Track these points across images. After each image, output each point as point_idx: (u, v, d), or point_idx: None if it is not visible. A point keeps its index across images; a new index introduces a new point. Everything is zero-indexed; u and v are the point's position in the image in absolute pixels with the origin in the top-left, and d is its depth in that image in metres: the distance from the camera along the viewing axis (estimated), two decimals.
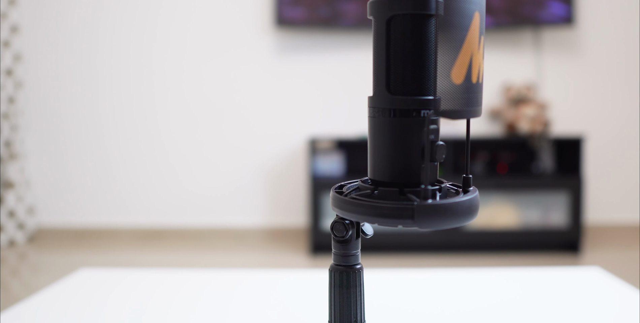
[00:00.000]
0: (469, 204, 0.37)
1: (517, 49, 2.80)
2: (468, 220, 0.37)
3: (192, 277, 0.76)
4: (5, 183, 2.80)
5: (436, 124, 0.37)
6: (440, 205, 0.36)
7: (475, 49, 0.37)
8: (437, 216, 0.36)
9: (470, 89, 0.38)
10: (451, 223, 0.36)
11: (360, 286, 0.42)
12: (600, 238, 2.81)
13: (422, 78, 0.37)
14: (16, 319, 0.60)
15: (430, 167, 0.36)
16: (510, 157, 2.75)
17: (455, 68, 0.37)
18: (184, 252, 2.62)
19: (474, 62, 0.37)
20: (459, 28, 0.36)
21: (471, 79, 0.37)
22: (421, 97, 0.37)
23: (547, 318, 0.59)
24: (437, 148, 0.36)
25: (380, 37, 0.37)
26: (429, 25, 0.36)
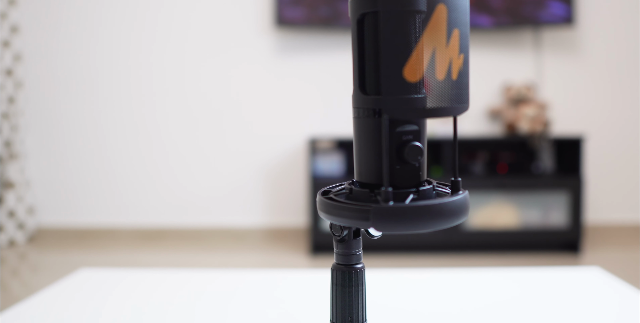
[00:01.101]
0: (437, 209, 0.35)
1: (517, 49, 2.80)
2: (435, 226, 0.35)
3: (192, 277, 0.76)
4: (5, 183, 2.80)
5: (416, 124, 0.36)
6: (398, 208, 0.34)
7: (441, 44, 0.35)
8: (394, 219, 0.34)
9: (436, 87, 0.35)
10: (411, 227, 0.35)
11: (361, 285, 0.42)
12: (600, 238, 2.81)
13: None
14: (16, 319, 0.60)
15: (404, 169, 0.36)
16: (510, 157, 2.74)
17: (411, 62, 0.35)
18: (184, 252, 2.62)
19: (438, 58, 0.35)
20: (411, 19, 0.35)
21: (435, 76, 0.35)
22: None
23: (547, 318, 0.59)
24: (409, 149, 0.36)
25: (354, 37, 0.37)
26: (401, 22, 0.35)
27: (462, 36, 0.36)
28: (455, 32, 0.35)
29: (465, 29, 0.36)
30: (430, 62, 0.35)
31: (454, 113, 0.36)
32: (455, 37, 0.35)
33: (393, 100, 0.35)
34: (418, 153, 0.36)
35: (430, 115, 0.36)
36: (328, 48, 2.81)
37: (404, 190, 0.36)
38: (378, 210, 0.35)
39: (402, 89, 0.35)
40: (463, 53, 0.36)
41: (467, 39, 0.36)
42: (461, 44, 0.36)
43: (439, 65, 0.35)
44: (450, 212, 0.35)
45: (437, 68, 0.35)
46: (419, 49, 0.35)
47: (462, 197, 0.36)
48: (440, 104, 0.35)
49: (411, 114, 0.35)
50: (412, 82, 0.35)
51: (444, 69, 0.35)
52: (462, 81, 0.36)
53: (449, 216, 0.35)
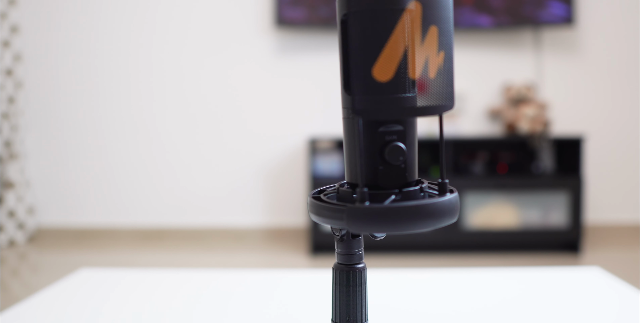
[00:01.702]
0: (415, 210, 0.34)
1: (517, 49, 2.80)
2: (413, 228, 0.34)
3: (192, 277, 0.76)
4: (5, 183, 2.80)
5: (401, 125, 0.36)
6: (373, 208, 0.34)
7: (415, 42, 0.34)
8: (368, 220, 0.34)
9: (408, 86, 0.34)
10: (385, 228, 0.34)
11: (362, 285, 0.42)
12: (600, 238, 2.81)
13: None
14: (16, 319, 0.60)
15: (388, 169, 0.36)
16: (510, 157, 2.74)
17: (380, 61, 0.34)
18: (183, 252, 2.62)
19: (412, 57, 0.34)
20: (381, 17, 0.34)
21: (408, 75, 0.34)
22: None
23: (547, 318, 0.59)
24: (390, 149, 0.35)
25: (339, 37, 0.36)
26: (371, 22, 0.34)
27: (441, 33, 0.35)
28: (432, 29, 0.34)
29: (445, 25, 0.35)
30: (402, 61, 0.34)
31: (432, 112, 0.35)
32: (432, 35, 0.34)
33: (362, 100, 0.35)
34: (399, 154, 0.36)
35: (404, 115, 0.35)
36: (328, 48, 2.81)
37: (387, 190, 0.36)
38: (352, 210, 0.34)
39: (371, 88, 0.34)
40: (443, 50, 0.35)
41: (448, 35, 0.35)
42: (441, 42, 0.35)
43: (413, 63, 0.34)
44: (430, 214, 0.34)
45: (411, 67, 0.34)
46: (388, 48, 0.34)
47: (446, 199, 0.35)
48: (414, 103, 0.35)
49: (382, 114, 0.35)
50: (382, 81, 0.34)
51: (419, 67, 0.34)
52: (442, 79, 0.35)
53: (428, 218, 0.34)
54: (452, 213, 0.36)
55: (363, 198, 0.35)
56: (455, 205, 0.36)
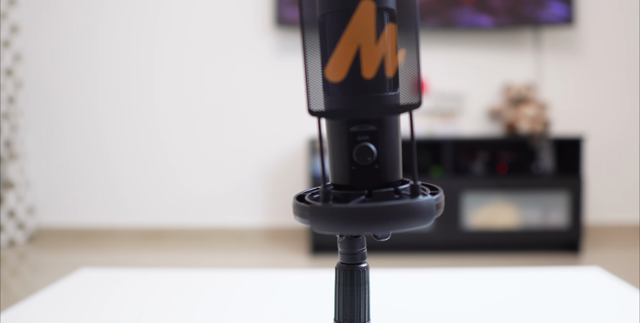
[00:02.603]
0: (373, 212, 0.33)
1: (517, 49, 2.80)
2: (373, 229, 0.34)
3: (192, 277, 0.76)
4: (5, 183, 2.80)
5: (373, 124, 0.35)
6: (331, 208, 0.34)
7: (368, 41, 0.34)
8: (327, 219, 0.34)
9: (361, 85, 0.34)
10: (344, 228, 0.34)
11: (364, 285, 0.42)
12: (600, 238, 2.81)
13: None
14: (16, 319, 0.60)
15: (361, 170, 0.36)
16: (510, 157, 2.74)
17: (333, 61, 0.34)
18: (183, 252, 2.62)
19: (365, 56, 0.34)
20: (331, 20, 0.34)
21: (361, 75, 0.34)
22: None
23: (547, 318, 0.59)
24: (358, 150, 0.35)
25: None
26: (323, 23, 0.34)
27: (402, 30, 0.34)
28: (389, 27, 0.34)
29: (407, 22, 0.34)
30: (354, 60, 0.34)
31: (389, 112, 0.35)
32: (390, 33, 0.34)
33: (316, 101, 0.35)
34: (368, 154, 0.35)
35: (355, 115, 0.35)
36: None
37: (359, 191, 0.36)
38: (314, 210, 0.35)
39: (324, 89, 0.35)
40: (405, 48, 0.34)
41: (411, 32, 0.34)
42: (401, 39, 0.34)
43: (366, 63, 0.34)
44: (393, 216, 0.34)
45: (364, 66, 0.34)
46: (339, 49, 0.34)
47: (414, 202, 0.34)
48: (366, 103, 0.34)
49: (333, 115, 0.35)
50: (335, 82, 0.34)
51: (373, 67, 0.34)
52: (402, 78, 0.35)
53: (390, 220, 0.34)
54: (421, 217, 0.34)
55: (325, 198, 0.35)
56: (427, 208, 0.34)
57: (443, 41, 2.81)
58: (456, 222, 2.48)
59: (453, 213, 2.48)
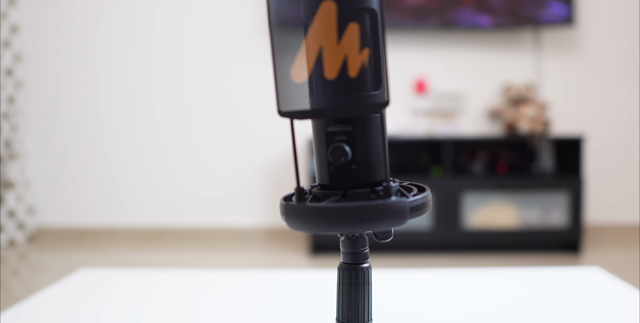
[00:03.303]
0: (339, 211, 0.33)
1: (517, 49, 2.80)
2: (339, 229, 0.34)
3: (192, 277, 0.76)
4: (5, 183, 2.80)
5: (349, 125, 0.35)
6: (298, 207, 0.35)
7: (330, 42, 0.34)
8: (298, 218, 0.35)
9: (322, 87, 0.34)
10: (309, 227, 0.35)
11: (366, 284, 0.42)
12: (600, 238, 2.81)
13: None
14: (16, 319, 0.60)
15: (338, 170, 0.36)
16: (510, 157, 2.74)
17: (297, 63, 0.35)
18: (183, 252, 2.62)
19: (331, 55, 0.34)
20: (296, 19, 0.35)
21: (324, 76, 0.34)
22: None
23: (547, 318, 0.59)
24: (332, 150, 0.35)
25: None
26: (288, 26, 0.35)
27: (366, 29, 0.34)
28: (351, 27, 0.33)
29: (370, 21, 0.34)
30: (317, 61, 0.34)
31: (351, 112, 0.34)
32: (352, 32, 0.34)
33: (284, 102, 0.35)
34: (341, 154, 0.35)
35: (317, 116, 0.35)
36: None
37: (336, 190, 0.36)
38: (287, 208, 0.36)
39: (291, 90, 0.35)
40: (368, 47, 0.34)
41: (375, 31, 0.34)
42: (364, 38, 0.34)
43: (328, 63, 0.34)
44: (358, 217, 0.34)
45: (326, 67, 0.34)
46: (302, 51, 0.34)
47: (381, 203, 0.34)
48: (327, 104, 0.35)
49: (297, 115, 0.35)
50: (299, 83, 0.35)
51: (335, 67, 0.34)
52: (366, 77, 0.34)
53: (355, 220, 0.34)
54: (391, 218, 0.34)
55: (299, 197, 0.36)
56: (398, 209, 0.34)
57: (443, 41, 2.81)
58: (456, 222, 2.48)
59: (453, 213, 2.48)
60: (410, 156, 2.79)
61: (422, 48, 2.81)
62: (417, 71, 2.82)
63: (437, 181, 2.48)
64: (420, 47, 2.81)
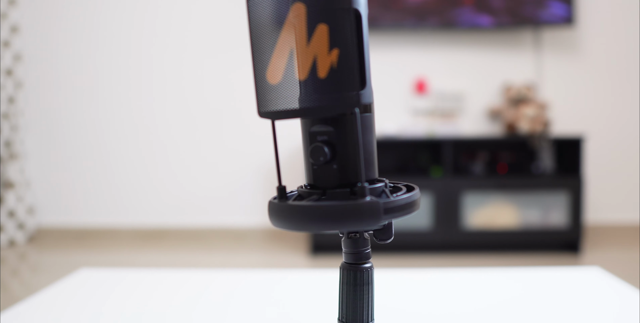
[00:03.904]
0: (310, 210, 0.34)
1: (517, 49, 2.80)
2: (314, 228, 0.34)
3: (192, 277, 0.76)
4: (5, 183, 2.80)
5: (330, 125, 0.36)
6: (280, 205, 0.36)
7: (300, 43, 0.34)
8: (276, 215, 0.36)
9: (295, 87, 0.35)
10: (285, 225, 0.35)
11: (368, 285, 0.42)
12: (600, 238, 2.81)
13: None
14: (16, 319, 0.60)
15: (321, 169, 0.36)
16: (510, 157, 2.74)
17: (271, 66, 0.35)
18: (184, 252, 2.62)
19: (298, 58, 0.34)
20: (269, 23, 0.35)
21: (294, 77, 0.35)
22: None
23: (548, 318, 0.59)
24: (312, 149, 0.36)
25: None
26: (263, 30, 0.35)
27: (334, 30, 0.34)
28: (320, 28, 0.34)
29: (339, 21, 0.33)
30: (288, 63, 0.35)
31: (321, 113, 0.35)
32: (321, 33, 0.34)
33: (262, 103, 0.36)
34: (319, 154, 0.36)
35: (289, 117, 0.36)
36: None
37: (318, 190, 0.37)
38: (270, 206, 0.37)
39: (267, 91, 0.36)
40: (338, 47, 0.34)
41: (344, 31, 0.33)
42: (333, 39, 0.34)
43: (299, 65, 0.34)
44: (328, 216, 0.34)
45: (297, 68, 0.34)
46: (276, 52, 0.35)
47: (350, 203, 0.34)
48: (298, 105, 0.35)
49: (273, 116, 0.36)
50: (274, 84, 0.36)
51: (305, 68, 0.34)
52: (336, 78, 0.34)
53: (326, 220, 0.34)
54: (361, 219, 0.34)
55: (280, 195, 0.37)
56: (370, 210, 0.34)
57: (443, 41, 2.81)
58: (456, 222, 2.48)
59: (453, 213, 2.48)
60: (410, 156, 2.79)
61: (422, 48, 2.81)
62: (417, 71, 2.82)
63: (437, 181, 2.48)
64: (420, 47, 2.81)
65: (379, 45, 2.81)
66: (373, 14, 2.66)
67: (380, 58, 2.82)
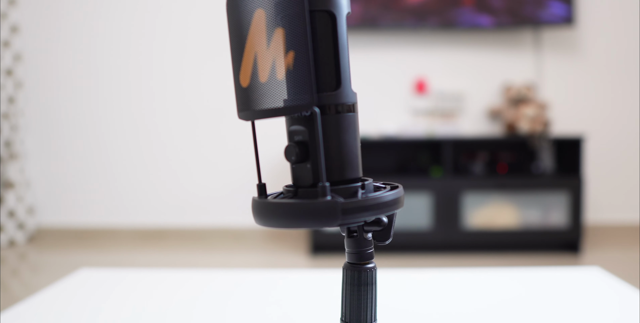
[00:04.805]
0: (269, 207, 0.36)
1: (517, 49, 2.80)
2: (273, 224, 0.36)
3: (192, 277, 0.76)
4: (5, 183, 2.80)
5: (302, 125, 0.36)
6: (254, 202, 0.37)
7: (261, 47, 0.36)
8: (254, 212, 0.37)
9: (259, 89, 0.37)
10: (259, 221, 0.37)
11: (371, 285, 0.42)
12: (600, 238, 2.81)
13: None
14: (16, 319, 0.60)
15: (298, 168, 0.37)
16: (510, 157, 2.74)
17: (242, 69, 0.37)
18: (183, 252, 2.62)
19: (261, 60, 0.36)
20: (240, 28, 0.37)
21: (258, 79, 0.36)
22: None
23: (548, 318, 0.59)
24: (285, 149, 0.37)
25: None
26: (237, 35, 0.37)
27: (290, 33, 0.35)
28: (277, 31, 0.35)
29: (294, 24, 0.34)
30: (254, 66, 0.36)
31: (282, 113, 0.35)
32: (278, 37, 0.35)
33: (240, 105, 0.38)
34: (290, 154, 0.37)
35: (255, 118, 0.37)
36: None
37: (295, 188, 0.38)
38: (254, 203, 0.38)
39: (241, 94, 0.38)
40: (293, 50, 0.35)
41: (299, 34, 0.34)
42: (289, 42, 0.35)
43: (261, 68, 0.36)
44: (282, 214, 0.35)
45: (260, 71, 0.36)
46: (245, 56, 0.37)
47: (308, 202, 0.35)
48: (260, 106, 0.37)
49: (244, 116, 0.38)
50: (245, 87, 0.37)
51: (266, 71, 0.36)
52: (292, 79, 0.35)
53: (280, 218, 0.35)
54: (316, 218, 0.34)
55: (259, 193, 0.39)
56: (325, 210, 0.34)
57: (443, 41, 2.81)
58: (456, 222, 2.48)
59: (453, 213, 2.48)
60: (410, 156, 2.79)
61: (422, 48, 2.81)
62: (417, 71, 2.82)
63: (437, 181, 2.48)
64: (420, 47, 2.81)
65: (379, 45, 2.81)
66: (373, 14, 2.66)
67: (380, 58, 2.82)
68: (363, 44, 2.81)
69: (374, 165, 2.80)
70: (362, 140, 2.56)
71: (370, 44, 2.81)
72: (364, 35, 2.80)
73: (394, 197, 0.37)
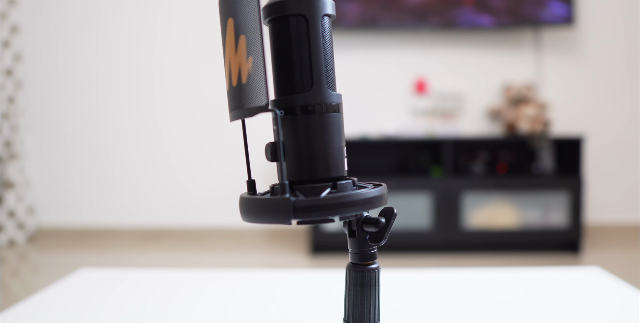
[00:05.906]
0: (242, 202, 0.38)
1: (517, 49, 2.80)
2: (245, 219, 0.38)
3: (192, 277, 0.76)
4: (5, 183, 2.80)
5: (276, 125, 0.38)
6: (245, 199, 0.39)
7: (232, 53, 0.38)
8: (243, 208, 0.39)
9: (232, 93, 0.39)
10: (242, 217, 0.39)
11: (374, 285, 0.42)
12: (600, 238, 2.81)
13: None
14: (16, 319, 0.60)
15: (278, 166, 0.38)
16: (510, 157, 2.74)
17: (225, 74, 0.40)
18: (184, 252, 2.62)
19: (232, 65, 0.39)
20: (222, 36, 0.40)
21: (231, 83, 0.39)
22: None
23: (548, 318, 0.59)
24: (265, 148, 0.38)
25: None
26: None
27: (249, 40, 0.37)
28: (241, 38, 0.38)
29: (253, 32, 0.36)
30: (229, 71, 0.39)
31: (246, 114, 0.38)
32: (242, 43, 0.38)
33: (229, 107, 0.40)
34: (267, 152, 0.38)
35: (232, 119, 0.40)
36: None
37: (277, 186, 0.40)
38: (240, 199, 0.40)
39: (227, 97, 0.40)
40: (252, 55, 0.37)
41: (256, 41, 0.36)
42: (249, 48, 0.37)
43: (232, 72, 0.39)
44: (247, 210, 0.38)
45: (232, 76, 0.39)
46: (225, 62, 0.40)
47: (264, 199, 0.37)
48: (231, 108, 0.39)
49: (231, 117, 0.40)
50: (227, 91, 0.40)
51: (235, 75, 0.39)
52: (252, 83, 0.37)
53: (246, 212, 0.38)
54: (271, 214, 0.36)
55: (247, 188, 0.42)
56: (280, 207, 0.36)
57: (443, 41, 2.81)
58: (456, 222, 2.48)
59: (453, 213, 2.48)
60: (410, 156, 2.79)
61: (422, 48, 2.81)
62: (417, 71, 2.82)
63: (437, 181, 2.48)
64: (420, 47, 2.81)
65: (379, 45, 2.81)
66: (373, 14, 2.66)
67: (380, 58, 2.82)
68: (363, 44, 2.81)
69: (374, 165, 2.80)
70: (362, 140, 2.56)
71: (370, 44, 2.81)
72: (364, 35, 2.80)
73: (358, 198, 0.37)
